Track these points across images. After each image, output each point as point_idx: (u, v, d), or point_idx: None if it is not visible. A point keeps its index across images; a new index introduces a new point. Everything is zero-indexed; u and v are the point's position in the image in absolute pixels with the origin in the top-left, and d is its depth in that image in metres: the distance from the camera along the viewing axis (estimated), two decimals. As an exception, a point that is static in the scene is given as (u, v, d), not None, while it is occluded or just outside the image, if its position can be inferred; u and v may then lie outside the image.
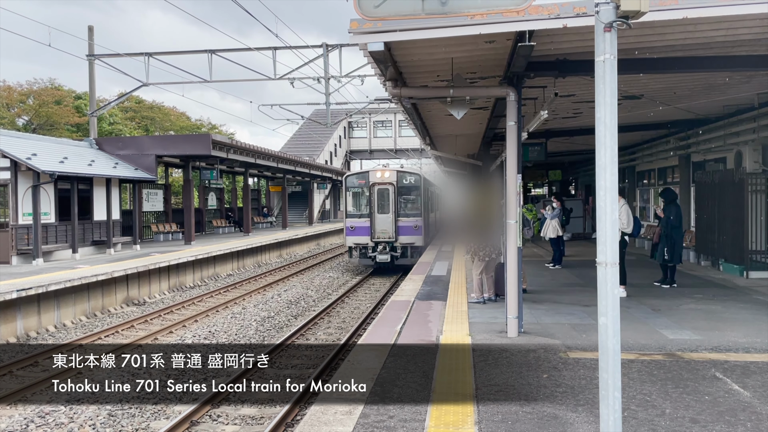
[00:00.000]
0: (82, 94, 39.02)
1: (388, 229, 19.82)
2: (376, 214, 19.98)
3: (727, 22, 6.49)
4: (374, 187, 20.09)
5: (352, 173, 21.35)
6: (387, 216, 19.93)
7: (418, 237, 19.92)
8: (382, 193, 20.04)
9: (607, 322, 3.81)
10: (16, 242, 17.62)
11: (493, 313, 9.03)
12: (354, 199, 20.65)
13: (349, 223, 20.32)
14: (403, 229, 19.88)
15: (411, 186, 20.29)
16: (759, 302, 9.80)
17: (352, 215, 20.40)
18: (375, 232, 19.93)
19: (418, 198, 20.29)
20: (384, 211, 19.97)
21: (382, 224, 19.90)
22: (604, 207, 3.80)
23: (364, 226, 20.04)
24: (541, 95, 9.83)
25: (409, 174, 20.61)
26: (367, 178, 20.35)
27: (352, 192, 20.66)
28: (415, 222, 19.89)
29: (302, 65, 23.82)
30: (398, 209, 19.99)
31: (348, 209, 20.58)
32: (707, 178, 14.40)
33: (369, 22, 5.89)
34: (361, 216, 20.19)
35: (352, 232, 20.23)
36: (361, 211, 20.34)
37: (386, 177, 20.08)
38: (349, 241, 20.51)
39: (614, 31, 3.73)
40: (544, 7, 5.93)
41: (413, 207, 20.26)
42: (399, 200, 20.03)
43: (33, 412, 8.18)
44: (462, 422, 4.78)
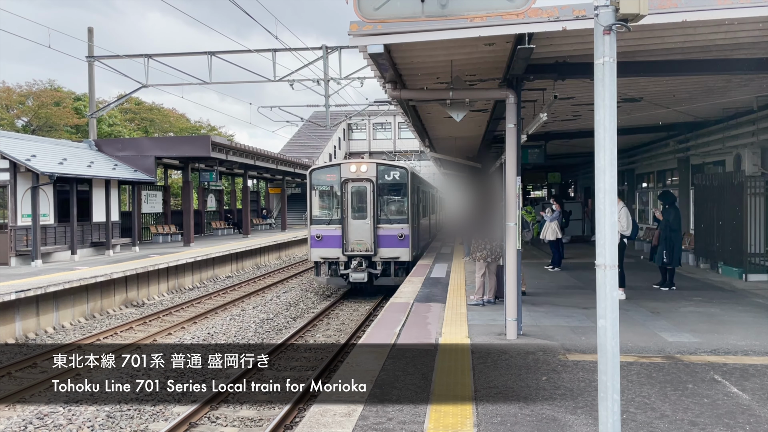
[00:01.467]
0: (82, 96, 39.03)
1: (365, 239, 15.70)
2: (350, 219, 15.80)
3: (726, 25, 6.51)
4: (347, 184, 15.90)
5: (319, 167, 17.02)
6: (364, 222, 15.76)
7: (403, 249, 15.74)
8: (357, 193, 15.96)
9: (606, 324, 3.81)
10: (15, 243, 17.61)
11: (492, 315, 9.03)
12: (321, 201, 16.39)
13: (315, 231, 16.02)
14: (385, 239, 15.74)
15: (395, 183, 16.07)
16: (758, 305, 9.80)
17: (319, 221, 16.10)
18: (348, 243, 15.75)
19: (404, 199, 16.09)
20: (360, 215, 15.83)
21: (357, 233, 15.76)
22: (603, 209, 3.81)
23: (334, 235, 15.83)
24: (540, 98, 9.84)
25: (392, 168, 16.34)
26: (338, 172, 16.07)
27: (318, 191, 16.34)
28: (400, 230, 15.71)
29: (302, 67, 23.85)
30: (378, 213, 15.82)
31: (313, 213, 16.27)
32: (706, 181, 14.41)
33: (369, 25, 5.90)
34: (331, 222, 15.92)
35: (318, 243, 15.95)
36: (331, 215, 16.07)
37: (362, 171, 15.88)
38: (315, 255, 16.12)
39: (613, 34, 3.74)
40: (543, 9, 5.94)
41: (398, 210, 16.10)
42: (379, 201, 15.88)
43: (31, 413, 8.17)
44: (461, 424, 4.77)
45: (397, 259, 15.83)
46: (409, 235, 15.83)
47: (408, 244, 15.82)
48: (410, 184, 16.16)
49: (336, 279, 16.09)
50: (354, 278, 15.69)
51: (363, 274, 15.67)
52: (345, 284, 16.19)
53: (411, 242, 15.90)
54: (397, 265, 15.99)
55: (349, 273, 15.76)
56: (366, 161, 16.44)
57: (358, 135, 56.00)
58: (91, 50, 24.28)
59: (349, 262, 15.86)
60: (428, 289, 11.80)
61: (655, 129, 15.27)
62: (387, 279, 15.89)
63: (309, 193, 16.40)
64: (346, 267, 15.94)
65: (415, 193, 17.07)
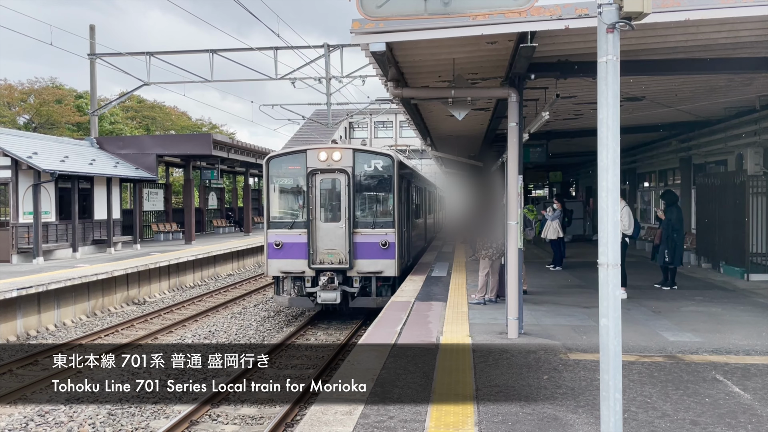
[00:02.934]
0: (83, 93, 39.04)
1: (338, 247, 12.45)
2: (319, 222, 12.56)
3: (729, 24, 6.49)
4: (315, 176, 12.59)
5: (278, 154, 13.42)
6: (336, 226, 12.53)
7: (387, 262, 12.46)
8: (327, 188, 12.70)
9: (608, 323, 3.80)
10: (17, 241, 17.63)
11: (493, 314, 9.02)
12: (282, 198, 13.20)
13: (273, 237, 12.70)
14: (364, 247, 12.47)
15: (378, 175, 12.82)
16: (759, 305, 9.79)
17: (279, 224, 12.87)
18: (316, 252, 12.47)
19: (389, 195, 12.81)
20: (331, 217, 12.64)
21: (327, 240, 12.49)
22: (605, 208, 3.79)
23: (298, 242, 12.54)
24: (542, 96, 9.83)
25: (373, 155, 12.94)
26: (304, 161, 12.69)
27: (278, 185, 13.08)
28: (383, 236, 12.46)
29: (303, 65, 23.86)
30: (356, 214, 12.57)
31: (271, 214, 12.96)
32: (708, 180, 14.40)
33: (371, 23, 5.90)
34: (293, 225, 12.67)
35: (278, 253, 12.65)
36: (294, 217, 12.84)
37: (335, 160, 12.56)
38: (273, 268, 12.77)
39: (617, 32, 3.73)
40: (546, 8, 5.93)
41: (382, 211, 12.87)
42: (357, 199, 12.67)
43: (33, 410, 8.18)
44: (462, 423, 4.77)
45: (380, 273, 12.42)
46: (395, 242, 12.46)
47: (393, 255, 12.44)
48: (397, 176, 12.73)
49: (301, 299, 12.69)
50: (323, 299, 12.22)
51: (335, 294, 12.21)
52: (312, 306, 12.80)
53: (398, 252, 12.53)
54: (380, 282, 12.58)
55: (317, 292, 12.32)
56: (339, 147, 12.99)
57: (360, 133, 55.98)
58: (93, 48, 24.28)
59: (317, 277, 12.43)
60: (429, 287, 11.79)
61: (657, 128, 15.25)
62: (366, 300, 12.49)
63: (266, 187, 13.08)
64: (314, 284, 12.48)
65: (404, 188, 13.79)
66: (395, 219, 12.64)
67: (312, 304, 12.66)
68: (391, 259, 12.49)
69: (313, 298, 12.52)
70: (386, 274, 12.50)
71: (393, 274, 12.53)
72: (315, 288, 12.46)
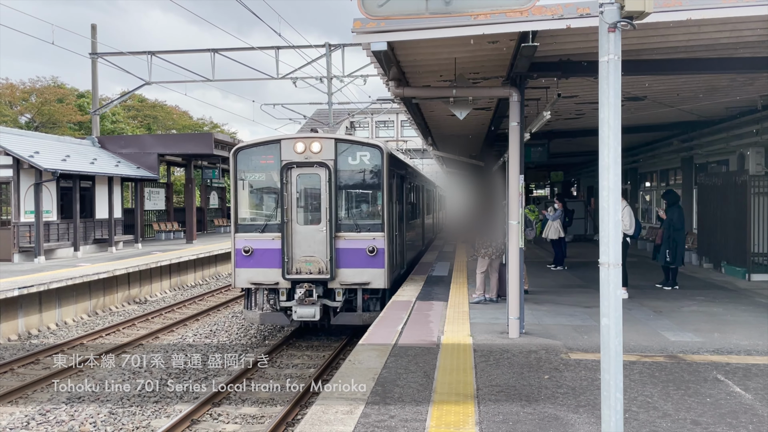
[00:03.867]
0: (85, 93, 39.09)
1: (318, 254, 10.77)
2: (295, 224, 10.86)
3: (731, 24, 6.48)
4: (290, 171, 10.87)
5: (247, 145, 11.49)
6: (316, 229, 10.82)
7: (376, 271, 10.77)
8: (305, 184, 11.07)
9: (609, 323, 3.79)
10: (18, 240, 17.65)
11: (494, 313, 9.02)
12: (252, 196, 11.55)
13: (241, 243, 11.02)
14: (348, 254, 10.80)
15: (364, 170, 11.13)
16: (761, 305, 9.78)
17: (249, 226, 11.20)
18: (292, 260, 10.78)
19: (377, 193, 11.13)
20: (310, 218, 11.00)
21: (305, 245, 10.81)
22: (607, 208, 3.79)
23: (271, 248, 10.88)
24: (543, 96, 9.82)
25: (359, 146, 11.14)
26: (278, 153, 10.95)
27: (247, 182, 11.37)
28: (371, 241, 10.80)
29: (305, 65, 23.85)
30: (338, 216, 10.90)
31: (240, 215, 11.31)
32: (710, 180, 14.38)
33: (372, 22, 5.89)
34: (266, 229, 11.00)
35: (247, 261, 10.99)
36: (266, 219, 11.20)
37: (314, 152, 10.82)
38: (242, 279, 11.09)
39: (618, 31, 3.72)
40: (547, 7, 5.93)
41: (369, 212, 11.27)
42: (340, 198, 11.03)
43: (34, 409, 8.19)
44: (463, 422, 4.77)
45: (367, 285, 10.74)
46: (384, 248, 10.79)
47: (383, 263, 10.77)
48: (387, 171, 11.00)
49: (275, 315, 11.03)
50: (300, 315, 10.56)
51: (313, 309, 10.53)
52: (288, 323, 11.09)
53: (388, 259, 10.85)
54: (368, 294, 10.96)
55: (293, 306, 10.64)
56: (319, 136, 11.14)
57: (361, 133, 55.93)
58: (95, 47, 24.30)
59: (293, 289, 10.71)
60: (430, 287, 11.79)
61: (659, 128, 15.23)
62: (351, 316, 10.85)
63: (233, 184, 11.34)
64: (290, 297, 10.81)
65: (396, 185, 12.15)
66: (385, 221, 10.94)
67: (287, 321, 10.96)
68: (380, 268, 10.77)
69: (289, 313, 10.86)
70: (374, 286, 10.79)
71: (382, 285, 10.79)
72: (290, 302, 10.74)
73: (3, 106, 36.18)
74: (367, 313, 10.79)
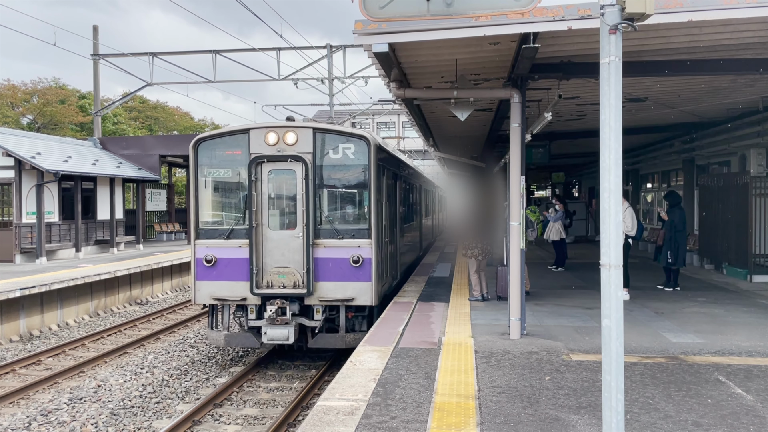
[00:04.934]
0: (86, 94, 39.16)
1: (293, 265, 9.26)
2: (266, 229, 9.36)
3: (732, 25, 6.49)
4: (261, 167, 9.39)
5: (209, 135, 9.86)
6: (290, 235, 9.33)
7: (361, 285, 9.23)
8: (279, 182, 9.54)
9: (610, 324, 3.80)
10: (20, 241, 17.67)
11: (495, 314, 9.02)
12: (216, 195, 10.01)
13: (203, 251, 9.52)
14: (328, 265, 9.26)
15: (348, 165, 9.56)
16: (762, 306, 9.78)
17: (211, 232, 9.63)
18: (262, 272, 9.28)
19: (364, 193, 9.52)
20: (283, 223, 9.49)
21: (278, 254, 9.31)
22: (608, 209, 3.79)
23: (238, 257, 9.38)
24: (545, 97, 9.82)
25: (342, 137, 9.51)
26: (246, 145, 9.47)
27: (210, 179, 9.86)
28: (355, 249, 9.27)
29: (306, 66, 23.86)
30: (316, 219, 9.35)
31: (201, 218, 9.75)
32: (711, 181, 14.37)
33: (374, 23, 5.90)
34: (231, 234, 9.45)
35: (209, 272, 9.48)
36: (232, 222, 9.61)
37: (289, 143, 9.32)
38: (204, 294, 9.55)
39: (619, 33, 3.73)
40: (548, 9, 5.93)
41: (353, 214, 9.66)
42: (319, 198, 9.45)
43: (35, 410, 8.19)
44: (464, 423, 4.77)
45: (350, 301, 9.24)
46: (371, 258, 9.25)
47: (369, 275, 9.23)
48: (375, 166, 9.44)
49: (243, 337, 9.49)
50: (271, 337, 9.10)
51: (286, 330, 9.07)
52: (258, 345, 9.45)
53: (376, 271, 9.32)
54: (352, 312, 9.49)
55: (263, 327, 9.18)
56: (295, 125, 9.52)
57: (362, 134, 55.93)
58: (96, 48, 24.34)
59: (263, 306, 9.22)
60: (432, 288, 11.80)
61: (660, 129, 15.23)
62: (332, 338, 9.28)
63: (193, 181, 9.71)
64: (260, 315, 9.33)
65: (386, 183, 10.61)
66: (372, 225, 9.35)
67: (257, 343, 9.36)
68: (366, 281, 9.22)
69: (255, 334, 9.38)
70: (359, 302, 9.25)
71: (369, 302, 9.24)
72: (260, 321, 9.26)
73: (5, 107, 36.24)
74: (351, 334, 9.29)
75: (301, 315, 9.30)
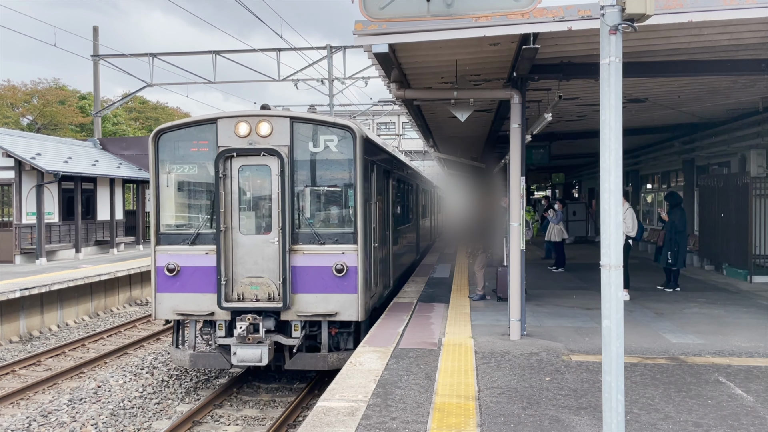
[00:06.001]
0: (87, 95, 39.18)
1: (267, 274, 8.18)
2: (236, 234, 8.28)
3: (733, 26, 6.48)
4: (229, 161, 8.29)
5: (171, 126, 8.66)
6: (264, 240, 8.25)
7: (345, 297, 8.15)
8: (250, 180, 8.49)
9: (610, 324, 3.80)
10: (20, 241, 17.68)
11: (495, 315, 9.02)
12: (180, 194, 8.82)
13: (164, 259, 8.40)
14: (307, 275, 8.18)
15: (330, 160, 8.43)
16: (762, 307, 9.77)
17: (174, 236, 8.50)
18: (232, 282, 8.20)
19: (349, 192, 8.45)
20: (256, 226, 8.42)
21: (250, 262, 8.24)
22: (608, 209, 3.79)
23: (204, 266, 8.27)
24: (545, 98, 9.82)
25: (324, 128, 8.37)
26: (214, 137, 8.37)
27: (173, 176, 8.67)
28: (338, 256, 8.17)
29: (306, 66, 23.86)
30: (294, 222, 8.27)
31: (162, 221, 8.59)
32: (711, 182, 14.37)
33: (374, 24, 5.90)
34: (197, 239, 8.34)
35: (172, 283, 8.38)
36: (198, 226, 8.46)
37: (262, 135, 8.22)
38: (166, 307, 8.42)
39: (619, 34, 3.73)
40: (548, 9, 5.93)
41: (337, 216, 8.65)
42: (298, 198, 8.35)
43: (35, 410, 8.19)
44: (464, 424, 4.77)
45: (333, 316, 8.16)
46: (357, 266, 8.16)
47: (355, 286, 8.15)
48: (361, 161, 8.27)
49: (210, 357, 8.38)
50: (242, 358, 7.99)
51: (259, 350, 7.96)
52: (228, 366, 8.35)
53: (362, 281, 8.21)
54: (335, 328, 8.40)
55: (233, 346, 8.04)
56: (270, 114, 8.40)
57: (362, 135, 55.98)
58: (96, 49, 24.35)
59: (233, 321, 8.13)
60: (432, 289, 11.79)
61: (660, 130, 15.23)
62: (312, 358, 8.20)
63: (154, 179, 8.61)
64: (230, 332, 8.26)
65: (375, 180, 9.44)
66: (358, 229, 8.22)
67: (227, 364, 8.22)
68: (351, 292, 8.13)
69: (225, 355, 8.23)
70: (343, 318, 8.16)
71: (354, 317, 8.15)
72: (229, 339, 8.14)
73: (5, 107, 36.25)
74: (335, 353, 8.17)
75: (278, 332, 8.20)
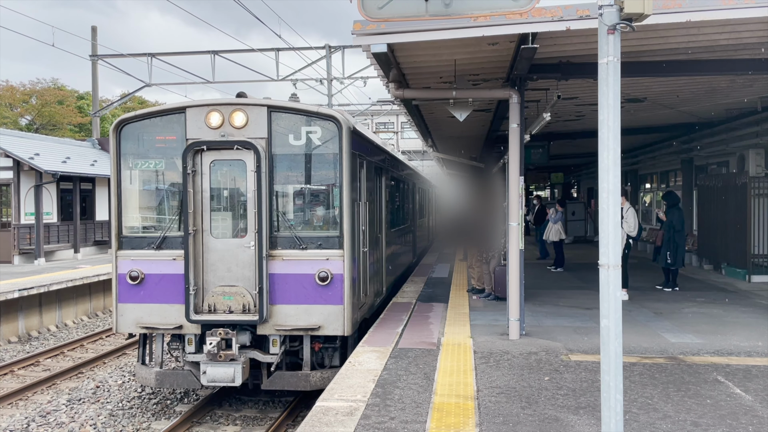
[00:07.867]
0: (85, 95, 39.16)
1: (242, 283, 7.35)
2: (207, 237, 7.42)
3: (731, 26, 6.49)
4: (198, 155, 7.42)
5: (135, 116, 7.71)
6: (239, 244, 7.41)
7: (330, 309, 7.29)
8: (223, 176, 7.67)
9: (609, 324, 3.80)
10: (18, 242, 17.66)
11: (494, 315, 9.02)
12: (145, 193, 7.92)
13: (127, 265, 7.53)
14: (287, 283, 7.32)
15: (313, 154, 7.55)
16: (761, 306, 9.78)
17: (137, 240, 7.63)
18: (203, 292, 7.39)
19: (333, 190, 7.61)
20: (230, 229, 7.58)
21: (222, 269, 7.40)
22: (606, 209, 3.79)
23: (171, 273, 7.42)
24: (543, 98, 9.82)
25: (305, 118, 7.46)
26: (182, 128, 7.44)
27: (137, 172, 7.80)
28: (322, 263, 7.31)
29: (305, 66, 23.82)
30: (272, 224, 7.43)
31: (124, 222, 7.70)
32: (710, 181, 14.38)
33: (372, 24, 5.90)
34: (163, 243, 7.47)
35: (135, 292, 7.51)
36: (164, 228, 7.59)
37: (237, 126, 7.33)
38: (129, 320, 7.51)
39: (618, 33, 3.73)
40: (547, 9, 5.93)
41: (320, 217, 7.82)
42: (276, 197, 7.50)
43: (34, 411, 8.18)
44: (463, 424, 4.77)
45: (316, 330, 7.30)
46: (343, 273, 7.31)
47: (341, 296, 7.31)
48: (347, 155, 7.42)
49: (178, 375, 7.52)
50: (212, 377, 7.15)
51: (232, 369, 7.13)
52: (198, 386, 7.49)
53: (349, 290, 7.36)
54: (319, 343, 7.52)
55: (202, 363, 7.22)
56: (245, 102, 7.50)
57: (361, 135, 55.90)
58: (95, 49, 24.33)
59: (203, 336, 7.28)
60: (431, 288, 11.79)
61: (659, 129, 15.23)
62: (293, 377, 7.37)
63: (115, 175, 7.68)
64: (200, 347, 7.40)
65: (364, 177, 8.51)
66: (345, 231, 7.36)
67: (197, 383, 7.37)
68: (336, 303, 7.27)
69: (194, 373, 7.41)
70: (328, 332, 7.29)
71: (340, 331, 7.30)
72: (199, 355, 7.31)
73: (3, 108, 36.21)
74: (318, 371, 7.36)
75: (254, 347, 7.34)
